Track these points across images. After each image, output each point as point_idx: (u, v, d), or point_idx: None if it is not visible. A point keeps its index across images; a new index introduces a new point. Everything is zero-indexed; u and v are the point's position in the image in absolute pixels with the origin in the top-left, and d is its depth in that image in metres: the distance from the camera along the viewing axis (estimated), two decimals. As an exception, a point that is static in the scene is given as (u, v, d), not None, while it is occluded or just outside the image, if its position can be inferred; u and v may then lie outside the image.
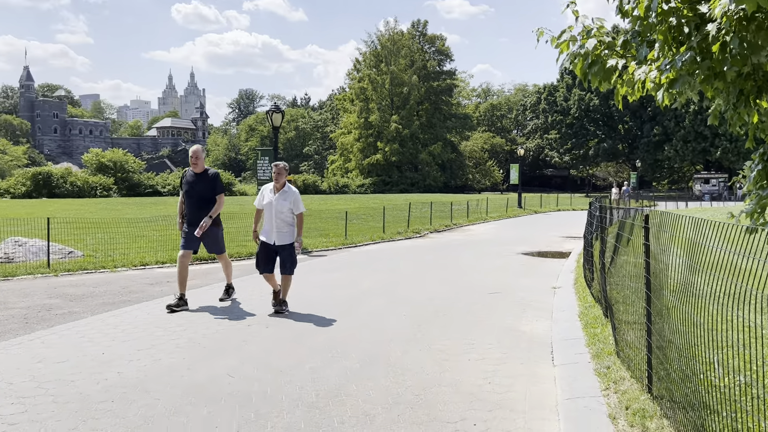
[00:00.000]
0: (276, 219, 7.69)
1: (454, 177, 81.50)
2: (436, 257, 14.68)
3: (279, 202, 7.70)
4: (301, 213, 7.83)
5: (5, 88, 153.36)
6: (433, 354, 6.01)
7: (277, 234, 7.72)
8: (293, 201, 7.76)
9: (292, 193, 7.80)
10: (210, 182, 8.16)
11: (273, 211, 7.69)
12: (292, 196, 7.77)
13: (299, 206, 7.82)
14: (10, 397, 4.70)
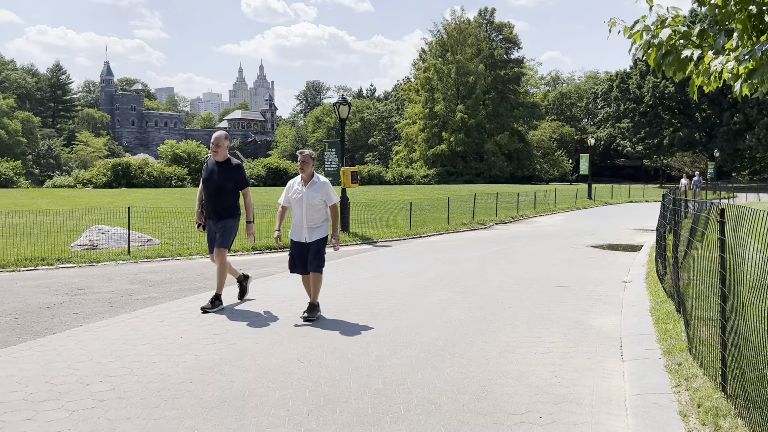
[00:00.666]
0: (308, 214, 7.01)
1: (521, 167, 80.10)
2: (501, 249, 14.58)
3: (310, 195, 7.01)
4: (335, 204, 7.16)
5: (87, 83, 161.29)
6: (499, 346, 6.02)
7: (309, 230, 7.03)
8: (325, 191, 7.09)
9: (322, 182, 7.14)
10: (231, 173, 7.55)
11: (304, 205, 7.00)
12: (323, 186, 7.11)
13: (332, 196, 7.13)
14: (99, 375, 5.05)
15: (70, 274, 10.33)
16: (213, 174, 7.55)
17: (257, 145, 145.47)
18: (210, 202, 7.57)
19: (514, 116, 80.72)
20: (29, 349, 5.77)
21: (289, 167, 50.55)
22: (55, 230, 15.88)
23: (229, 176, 7.54)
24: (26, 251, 12.41)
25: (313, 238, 7.03)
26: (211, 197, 7.56)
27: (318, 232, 7.08)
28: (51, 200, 27.56)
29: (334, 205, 7.13)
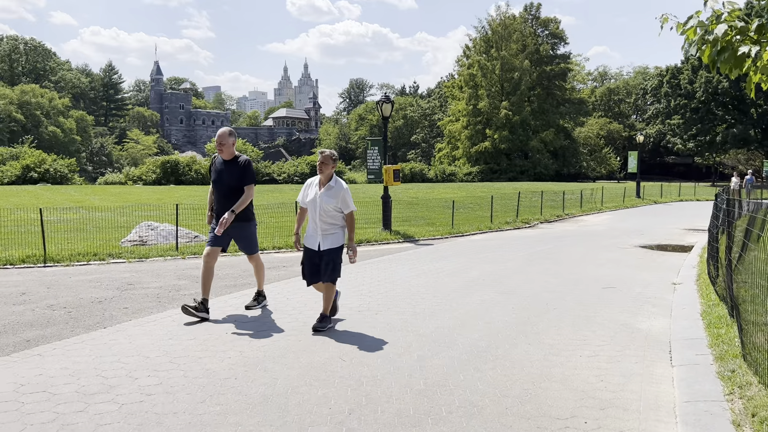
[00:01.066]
0: (321, 220, 6.42)
1: (566, 165, 78.68)
2: (546, 248, 14.35)
3: (324, 199, 6.38)
4: (351, 212, 6.52)
5: (138, 83, 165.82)
6: (543, 348, 5.92)
7: (323, 237, 6.45)
8: (341, 198, 6.42)
9: (339, 187, 6.45)
10: (239, 171, 7.06)
11: (317, 209, 6.41)
12: (339, 192, 6.42)
13: (348, 204, 6.47)
14: (147, 369, 5.18)
15: (120, 269, 10.63)
16: (222, 174, 7.11)
17: (301, 142, 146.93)
18: (222, 204, 7.09)
19: (560, 113, 79.34)
20: (81, 342, 5.96)
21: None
22: (107, 226, 16.40)
23: (236, 174, 7.06)
24: (79, 246, 12.84)
25: (326, 246, 6.43)
26: (222, 199, 7.10)
27: (332, 240, 6.48)
28: (103, 197, 28.44)
29: (350, 213, 6.50)
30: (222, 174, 7.08)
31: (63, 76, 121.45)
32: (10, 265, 10.97)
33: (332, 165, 6.54)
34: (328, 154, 6.56)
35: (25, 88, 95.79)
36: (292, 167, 49.41)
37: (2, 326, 6.61)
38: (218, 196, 7.16)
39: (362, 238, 15.40)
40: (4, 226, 16.72)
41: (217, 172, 7.16)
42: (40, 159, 42.04)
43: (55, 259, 11.40)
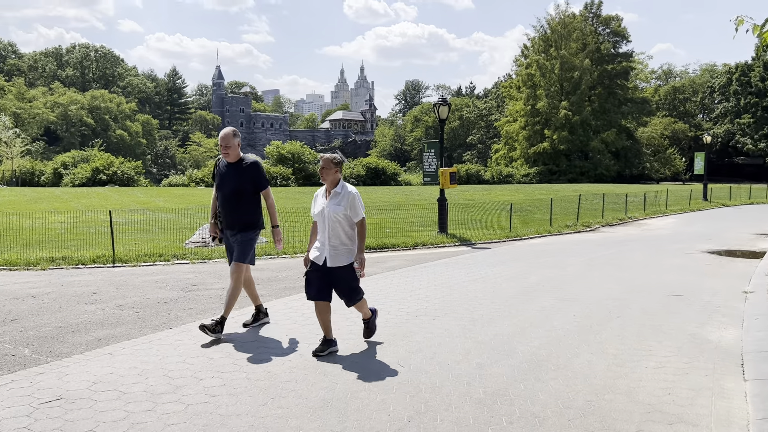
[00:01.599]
0: (331, 231, 5.75)
1: (629, 166, 76.45)
2: (608, 253, 13.98)
3: (331, 207, 5.72)
4: (362, 220, 5.82)
5: (200, 87, 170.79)
6: (606, 359, 5.77)
7: (330, 251, 5.75)
8: (349, 204, 5.73)
9: (346, 193, 5.77)
10: (246, 174, 6.42)
11: (326, 221, 5.76)
12: (346, 198, 5.75)
13: (357, 210, 5.78)
14: (211, 370, 5.32)
15: (184, 270, 10.97)
16: (226, 178, 6.48)
17: (357, 144, 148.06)
18: (227, 211, 6.49)
19: (621, 112, 77.19)
20: (149, 342, 6.17)
21: (387, 167, 51.07)
22: (171, 227, 16.94)
23: (245, 178, 6.43)
24: (145, 247, 13.31)
25: (336, 263, 5.75)
26: (227, 205, 6.48)
27: (343, 257, 5.79)
28: (167, 198, 29.40)
29: (361, 221, 5.81)
30: (226, 178, 6.48)
31: (130, 81, 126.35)
32: (81, 265, 11.48)
33: (334, 169, 5.79)
34: (328, 157, 5.82)
35: (95, 94, 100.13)
36: (348, 169, 49.79)
37: (76, 324, 6.92)
38: (223, 202, 6.51)
39: (418, 241, 15.39)
40: (76, 227, 17.52)
41: (221, 177, 6.54)
42: (109, 162, 43.81)
43: (123, 259, 11.85)
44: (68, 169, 44.87)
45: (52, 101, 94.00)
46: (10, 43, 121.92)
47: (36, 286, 9.27)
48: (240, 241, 6.48)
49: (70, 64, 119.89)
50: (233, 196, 6.44)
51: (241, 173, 6.44)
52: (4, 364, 5.45)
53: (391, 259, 12.88)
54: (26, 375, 5.16)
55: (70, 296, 8.53)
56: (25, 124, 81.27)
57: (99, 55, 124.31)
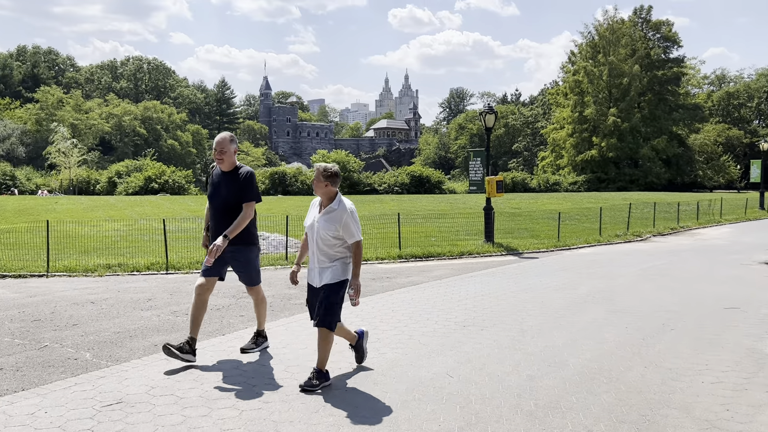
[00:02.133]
0: (319, 250, 5.24)
1: (680, 173, 74.35)
2: (660, 264, 13.64)
3: (322, 224, 5.19)
4: (358, 242, 5.20)
5: (248, 97, 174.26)
6: (661, 372, 5.64)
7: (320, 271, 5.25)
8: (343, 223, 5.14)
9: (341, 210, 5.16)
10: (239, 184, 5.90)
11: (315, 236, 5.26)
12: (340, 216, 5.14)
13: (351, 231, 5.17)
14: (263, 377, 5.43)
15: (235, 278, 11.15)
16: (219, 188, 5.98)
17: (401, 153, 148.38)
18: (218, 223, 5.95)
19: (672, 119, 75.18)
20: (203, 348, 6.33)
21: (432, 175, 50.99)
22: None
23: (235, 189, 5.92)
24: (197, 255, 13.65)
25: (323, 280, 5.24)
26: (218, 217, 5.96)
27: (330, 274, 5.21)
28: (217, 207, 30.05)
29: (356, 243, 5.19)
30: (219, 188, 5.98)
31: (181, 92, 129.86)
32: (136, 271, 11.86)
33: (325, 182, 5.17)
34: (321, 169, 5.19)
35: (148, 105, 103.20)
36: (392, 177, 49.98)
37: (133, 330, 7.16)
38: (214, 213, 6.03)
39: (464, 250, 15.33)
40: (131, 234, 18.09)
41: (214, 186, 6.04)
42: (161, 171, 45.09)
43: (176, 266, 12.18)
44: (122, 178, 46.36)
45: (107, 112, 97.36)
46: (69, 57, 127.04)
47: (94, 292, 9.62)
48: (243, 265, 6.04)
49: (124, 76, 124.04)
50: (224, 208, 5.92)
51: (235, 183, 5.92)
52: (67, 368, 5.69)
53: (437, 268, 12.87)
54: (88, 378, 5.37)
55: (127, 302, 8.82)
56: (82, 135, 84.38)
57: (151, 67, 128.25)
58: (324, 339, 5.19)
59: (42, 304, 8.66)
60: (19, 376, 5.43)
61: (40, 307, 8.44)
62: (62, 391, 5.03)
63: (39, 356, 6.04)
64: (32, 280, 11.01)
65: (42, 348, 6.34)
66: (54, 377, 5.40)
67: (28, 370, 5.60)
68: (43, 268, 11.87)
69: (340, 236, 5.18)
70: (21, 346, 6.42)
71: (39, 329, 7.15)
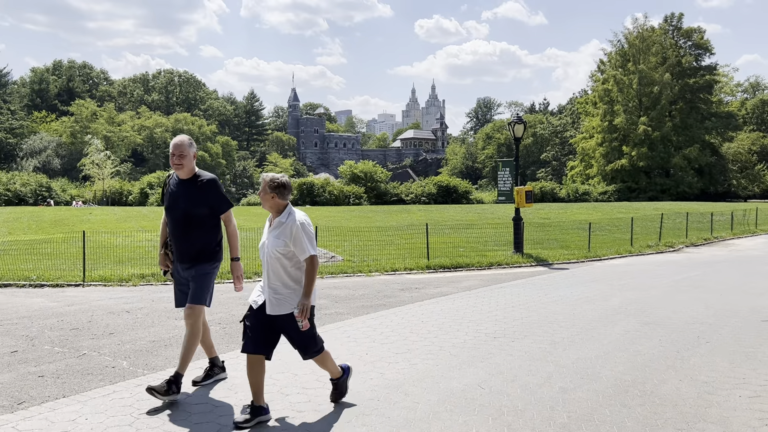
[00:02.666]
0: (269, 268, 4.65)
1: (713, 183, 72.94)
2: (694, 275, 13.41)
3: (271, 241, 4.63)
4: (311, 258, 4.57)
5: (276, 109, 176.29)
6: (696, 386, 5.56)
7: (270, 294, 4.64)
8: (293, 237, 4.56)
9: (291, 223, 4.58)
10: (201, 194, 5.22)
11: (265, 256, 4.70)
12: (290, 229, 4.57)
13: (303, 246, 4.56)
14: (295, 387, 5.49)
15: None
16: (178, 199, 5.25)
17: (428, 163, 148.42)
18: (177, 239, 5.27)
19: (705, 127, 73.87)
20: (235, 357, 6.43)
21: (459, 185, 50.80)
22: (251, 246, 17.49)
23: (199, 199, 5.22)
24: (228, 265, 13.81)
25: (277, 310, 4.63)
26: (177, 232, 5.27)
27: (287, 304, 4.64)
28: (247, 217, 30.36)
29: (309, 259, 4.56)
30: (178, 199, 5.25)
31: (211, 104, 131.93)
32: (169, 282, 12.03)
33: (272, 194, 4.62)
34: (268, 180, 4.65)
35: (179, 117, 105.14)
36: (419, 187, 49.96)
37: (168, 339, 7.29)
38: (173, 228, 5.29)
39: (493, 260, 15.27)
40: (163, 244, 18.39)
41: (172, 196, 5.30)
42: (192, 182, 45.85)
43: (208, 276, 12.35)
44: (153, 189, 47.21)
45: (139, 124, 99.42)
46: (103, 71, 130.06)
47: (129, 302, 9.82)
48: (195, 276, 5.23)
49: (155, 89, 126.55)
50: (185, 221, 5.21)
51: (196, 193, 5.23)
52: (105, 375, 5.83)
53: (466, 278, 12.84)
54: (126, 386, 5.49)
55: (161, 312, 8.98)
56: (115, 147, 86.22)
57: (182, 80, 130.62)
58: (322, 362, 4.94)
59: (79, 313, 8.88)
60: (59, 383, 5.58)
61: (77, 315, 8.65)
62: (101, 398, 5.16)
63: (78, 364, 6.19)
64: (69, 290, 11.28)
65: (81, 356, 6.50)
66: (93, 385, 5.54)
67: (68, 377, 5.75)
68: (80, 277, 12.16)
69: (291, 254, 4.58)
70: (61, 354, 6.59)
71: (77, 338, 7.33)
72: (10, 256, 14.97)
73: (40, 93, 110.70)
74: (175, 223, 5.27)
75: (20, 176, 50.60)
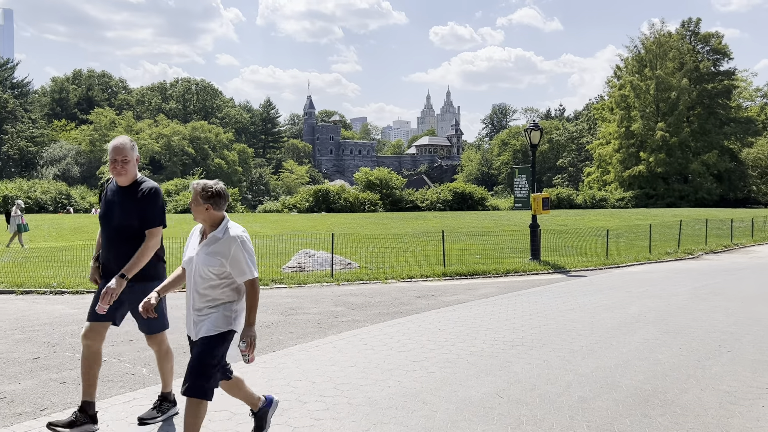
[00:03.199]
0: (196, 292, 4.03)
1: (733, 189, 72.08)
2: (714, 282, 13.24)
3: (202, 258, 4.00)
4: (252, 281, 3.97)
5: (292, 116, 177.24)
6: (719, 395, 5.49)
7: (195, 315, 4.06)
8: (231, 257, 3.95)
9: (228, 239, 3.98)
10: (138, 203, 4.68)
11: (192, 274, 4.06)
12: (226, 247, 3.96)
13: (242, 267, 3.95)
14: (314, 394, 5.50)
15: (282, 294, 11.37)
16: (113, 207, 4.73)
17: (443, 169, 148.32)
18: (110, 252, 4.73)
19: (724, 133, 73.12)
20: (254, 364, 6.45)
21: (475, 191, 50.69)
22: (269, 253, 17.59)
23: (134, 209, 4.68)
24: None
25: (200, 332, 4.02)
26: (110, 245, 4.73)
27: (209, 324, 4.00)
28: (263, 224, 30.55)
29: (250, 282, 3.97)
30: (113, 207, 4.72)
31: (227, 112, 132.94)
32: (188, 288, 12.14)
33: (206, 205, 4.02)
34: (200, 188, 4.05)
35: (196, 125, 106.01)
36: (435, 194, 49.92)
37: (186, 346, 7.32)
38: (105, 240, 4.77)
39: (510, 268, 15.20)
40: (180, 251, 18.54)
41: (108, 205, 4.78)
42: (209, 189, 46.18)
43: (226, 283, 12.43)
44: (171, 196, 47.62)
45: (156, 132, 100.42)
46: (121, 80, 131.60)
47: (148, 308, 9.90)
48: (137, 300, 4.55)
49: (173, 97, 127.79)
50: (117, 233, 4.68)
51: (133, 202, 4.68)
52: (126, 382, 5.88)
53: (483, 286, 12.80)
54: (146, 393, 5.54)
55: (179, 319, 9.03)
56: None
57: (199, 89, 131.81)
58: (193, 412, 3.91)
59: (99, 319, 8.96)
60: (81, 390, 5.62)
61: (97, 322, 8.73)
62: (122, 405, 5.21)
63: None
64: (89, 296, 11.40)
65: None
66: (113, 391, 5.59)
67: (89, 384, 5.81)
68: (99, 284, 12.29)
69: (226, 274, 3.97)
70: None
71: (98, 344, 7.40)
72: (32, 263, 15.18)
73: (60, 102, 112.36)
74: (107, 234, 4.74)
75: (40, 184, 51.28)
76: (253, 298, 3.98)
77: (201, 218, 4.06)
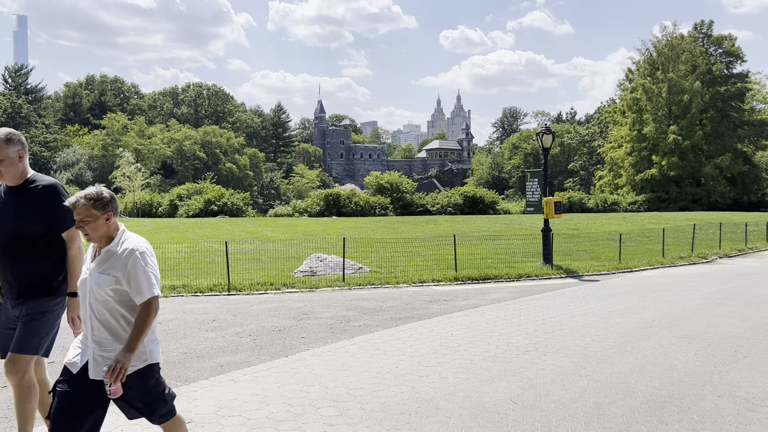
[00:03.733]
0: (93, 316, 3.40)
1: (746, 192, 71.40)
2: (729, 287, 13.11)
3: (96, 278, 3.40)
4: (149, 301, 3.34)
5: (303, 121, 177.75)
6: (736, 402, 5.42)
7: (97, 350, 3.38)
8: (128, 273, 3.36)
9: (125, 253, 3.39)
10: (35, 204, 4.03)
11: (87, 297, 3.44)
12: (122, 261, 3.38)
13: (141, 286, 3.35)
14: (327, 399, 5.49)
15: (294, 299, 11.38)
16: (4, 211, 4.06)
17: (453, 173, 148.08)
18: (3, 265, 4.05)
19: (737, 136, 72.47)
20: (267, 369, 6.46)
21: (486, 195, 50.49)
22: (280, 257, 17.63)
23: (32, 212, 4.02)
24: (256, 276, 13.94)
25: (98, 371, 3.33)
26: (3, 256, 4.04)
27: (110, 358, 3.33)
28: (274, 228, 30.62)
29: (147, 302, 3.34)
30: (5, 211, 4.05)
31: (239, 117, 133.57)
32: (200, 293, 12.19)
33: (105, 215, 3.44)
34: (90, 196, 3.44)
35: (207, 130, 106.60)
36: (445, 198, 49.79)
37: (199, 351, 7.36)
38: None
39: (522, 272, 15.13)
40: (193, 256, 18.63)
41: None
42: (220, 193, 46.34)
43: (238, 288, 12.47)
44: (183, 200, 47.86)
45: (168, 137, 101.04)
46: (134, 85, 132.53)
47: (161, 313, 9.93)
48: (26, 315, 3.97)
49: (184, 102, 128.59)
50: (12, 240, 4.00)
51: (27, 203, 4.02)
52: None
53: (495, 290, 12.74)
54: None
55: (192, 323, 9.08)
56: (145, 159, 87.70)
57: (210, 93, 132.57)
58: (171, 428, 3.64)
59: (113, 324, 9.00)
60: None
61: (111, 326, 8.78)
62: (136, 409, 5.22)
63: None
64: None
65: (115, 367, 6.59)
66: None
67: (103, 388, 5.83)
68: (113, 288, 12.35)
69: (124, 294, 3.37)
70: (96, 364, 6.69)
71: (111, 348, 7.43)
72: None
73: (73, 107, 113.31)
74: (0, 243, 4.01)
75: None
76: (145, 319, 3.30)
77: (101, 233, 3.43)
